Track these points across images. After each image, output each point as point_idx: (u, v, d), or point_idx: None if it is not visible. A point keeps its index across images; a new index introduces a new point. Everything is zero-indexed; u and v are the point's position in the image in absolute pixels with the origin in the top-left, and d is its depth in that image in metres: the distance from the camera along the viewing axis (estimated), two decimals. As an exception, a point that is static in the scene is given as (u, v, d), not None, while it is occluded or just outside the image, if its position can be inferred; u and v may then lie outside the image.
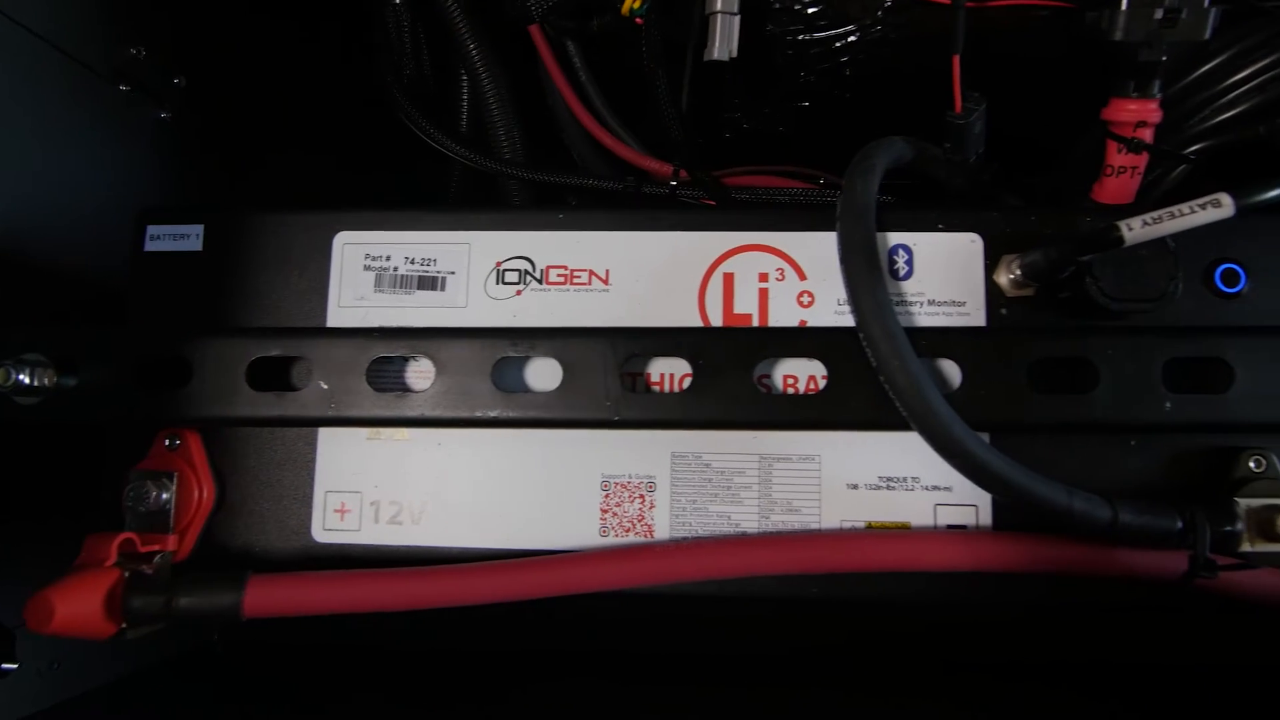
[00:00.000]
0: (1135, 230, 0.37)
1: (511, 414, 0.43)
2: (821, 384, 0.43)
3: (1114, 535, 0.39)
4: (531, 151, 0.63)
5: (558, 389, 0.43)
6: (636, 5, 0.48)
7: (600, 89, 0.61)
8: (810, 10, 0.53)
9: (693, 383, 0.42)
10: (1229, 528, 0.40)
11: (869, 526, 0.44)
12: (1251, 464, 0.43)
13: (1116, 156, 0.51)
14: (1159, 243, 0.43)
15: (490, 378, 0.43)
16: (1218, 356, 0.42)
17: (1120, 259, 0.43)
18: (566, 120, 0.63)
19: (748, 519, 0.44)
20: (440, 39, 0.61)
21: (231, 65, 0.69)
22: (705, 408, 0.42)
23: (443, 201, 0.63)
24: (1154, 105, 0.50)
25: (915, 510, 0.44)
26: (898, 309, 0.45)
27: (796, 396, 0.43)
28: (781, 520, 0.44)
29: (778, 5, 0.53)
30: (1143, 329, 0.42)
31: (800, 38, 0.54)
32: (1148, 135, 0.50)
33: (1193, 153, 0.51)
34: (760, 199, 0.57)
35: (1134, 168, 0.51)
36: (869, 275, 0.41)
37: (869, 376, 0.41)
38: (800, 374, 0.45)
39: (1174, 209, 0.37)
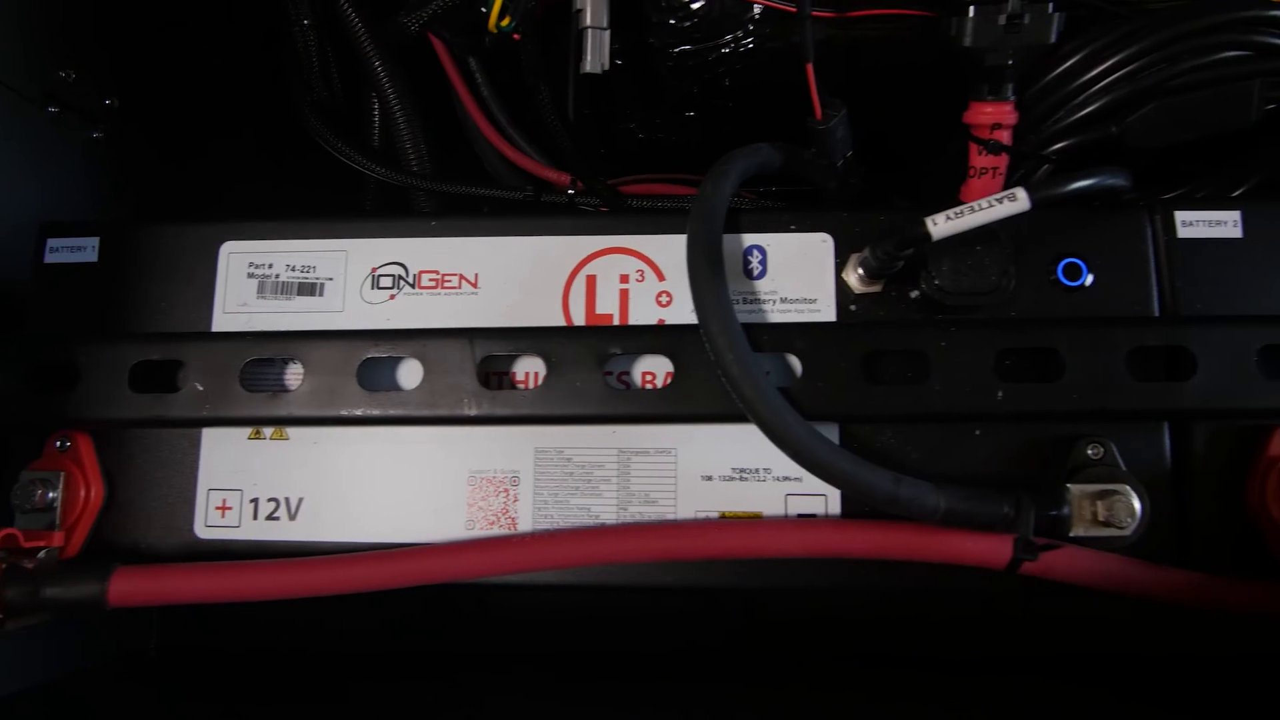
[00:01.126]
0: (940, 225, 0.39)
1: (375, 412, 0.45)
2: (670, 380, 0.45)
3: (942, 520, 0.41)
4: (442, 163, 0.65)
5: (418, 387, 0.45)
6: (505, 24, 0.50)
7: (502, 101, 0.63)
8: (685, 24, 0.55)
9: (545, 380, 0.44)
10: (1054, 512, 0.41)
11: (722, 516, 0.45)
12: (1090, 451, 0.44)
13: (978, 158, 0.53)
14: (993, 238, 0.44)
15: (356, 378, 0.45)
16: (1049, 347, 0.43)
17: (956, 255, 0.44)
18: (474, 132, 0.66)
19: (607, 511, 0.46)
20: (349, 55, 0.63)
21: (166, 85, 0.72)
22: (556, 403, 0.44)
23: (323, 210, 0.65)
24: (1009, 108, 0.52)
25: (767, 500, 0.45)
26: (751, 307, 0.47)
27: (644, 392, 0.45)
28: (639, 511, 0.46)
29: (655, 19, 0.55)
30: (976, 322, 0.44)
31: (677, 50, 0.56)
32: (1005, 137, 0.52)
33: (1053, 153, 0.52)
34: (655, 206, 0.60)
35: (995, 168, 0.53)
36: (709, 274, 0.43)
37: (712, 371, 0.42)
38: (659, 370, 0.47)
39: (975, 204, 0.38)
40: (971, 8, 0.49)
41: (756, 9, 0.54)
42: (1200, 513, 0.44)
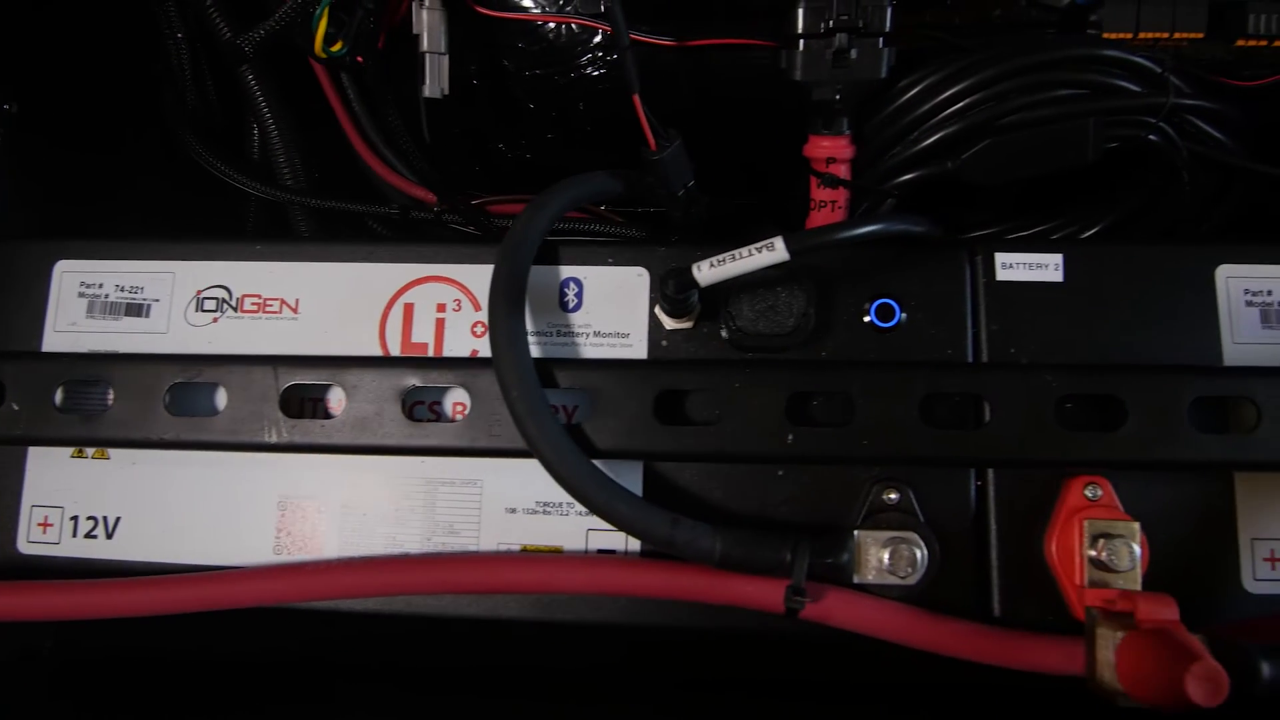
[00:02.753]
0: (704, 272, 0.38)
1: (183, 437, 0.45)
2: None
3: (718, 563, 0.41)
4: (321, 179, 0.65)
5: (222, 414, 0.45)
6: (336, 49, 0.50)
7: (375, 119, 0.63)
8: (535, 48, 0.55)
9: (344, 410, 0.45)
10: (834, 559, 0.41)
11: (524, 549, 0.46)
12: (886, 497, 0.44)
13: (817, 191, 0.53)
14: (794, 279, 0.44)
15: (163, 401, 0.46)
16: (842, 390, 0.43)
17: (755, 296, 0.44)
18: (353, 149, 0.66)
19: (411, 540, 0.46)
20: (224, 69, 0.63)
21: (68, 91, 0.72)
22: (354, 434, 0.44)
23: (155, 230, 0.65)
24: (844, 142, 0.51)
25: (569, 535, 0.46)
26: (564, 340, 0.47)
27: (442, 425, 0.45)
28: (442, 542, 0.46)
29: (504, 43, 0.55)
30: (770, 363, 0.44)
31: (528, 74, 0.56)
32: (843, 170, 0.52)
33: (894, 187, 0.52)
34: (474, 235, 0.59)
35: (834, 202, 0.52)
36: (505, 308, 0.43)
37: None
38: (470, 402, 0.47)
39: (737, 251, 0.38)
40: (801, 41, 0.48)
41: (600, 35, 0.53)
42: (1002, 562, 0.44)
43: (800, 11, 0.48)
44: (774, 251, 0.37)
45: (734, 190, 0.61)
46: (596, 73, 0.55)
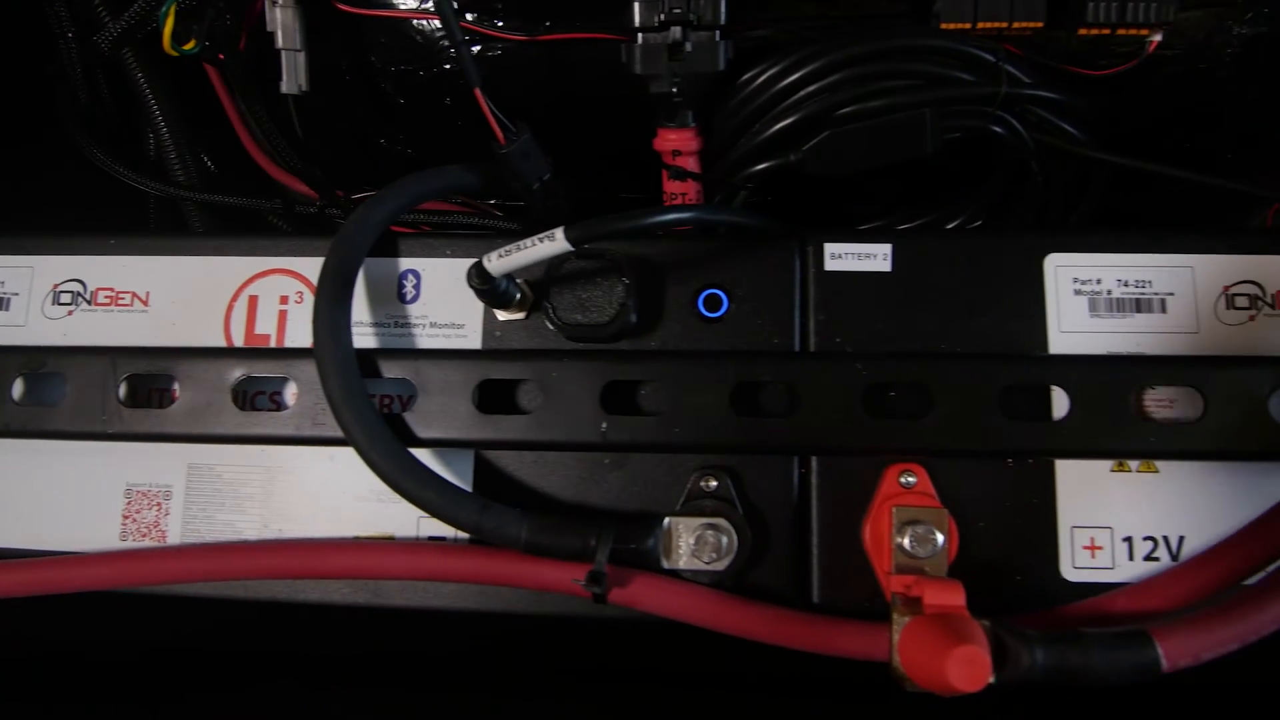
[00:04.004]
0: (494, 262, 0.39)
1: (28, 426, 0.47)
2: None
3: (525, 549, 0.41)
4: (236, 176, 0.67)
5: (64, 403, 0.46)
6: (189, 47, 0.51)
7: (257, 117, 0.64)
8: (398, 45, 0.56)
9: (180, 399, 0.46)
10: (634, 545, 0.42)
11: (357, 538, 0.46)
12: (704, 484, 0.44)
13: (668, 184, 0.53)
14: (612, 271, 0.44)
15: (12, 392, 0.47)
16: (654, 380, 0.43)
17: (575, 287, 0.45)
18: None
19: (250, 527, 0.47)
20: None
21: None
22: (189, 423, 0.45)
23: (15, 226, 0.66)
24: (690, 134, 0.52)
25: (401, 523, 0.46)
26: (401, 330, 0.48)
27: (274, 414, 0.46)
28: (279, 529, 0.47)
29: (369, 39, 0.56)
30: (584, 353, 0.44)
31: (395, 69, 0.57)
32: (691, 163, 0.52)
33: (743, 178, 0.52)
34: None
35: (684, 194, 0.53)
36: (328, 298, 0.44)
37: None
38: (298, 392, 0.48)
39: (521, 242, 0.39)
40: (638, 35, 0.49)
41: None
42: (823, 549, 0.44)
43: (635, 6, 0.48)
44: (555, 242, 0.38)
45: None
46: (452, 71, 0.56)
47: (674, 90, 0.49)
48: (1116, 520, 0.44)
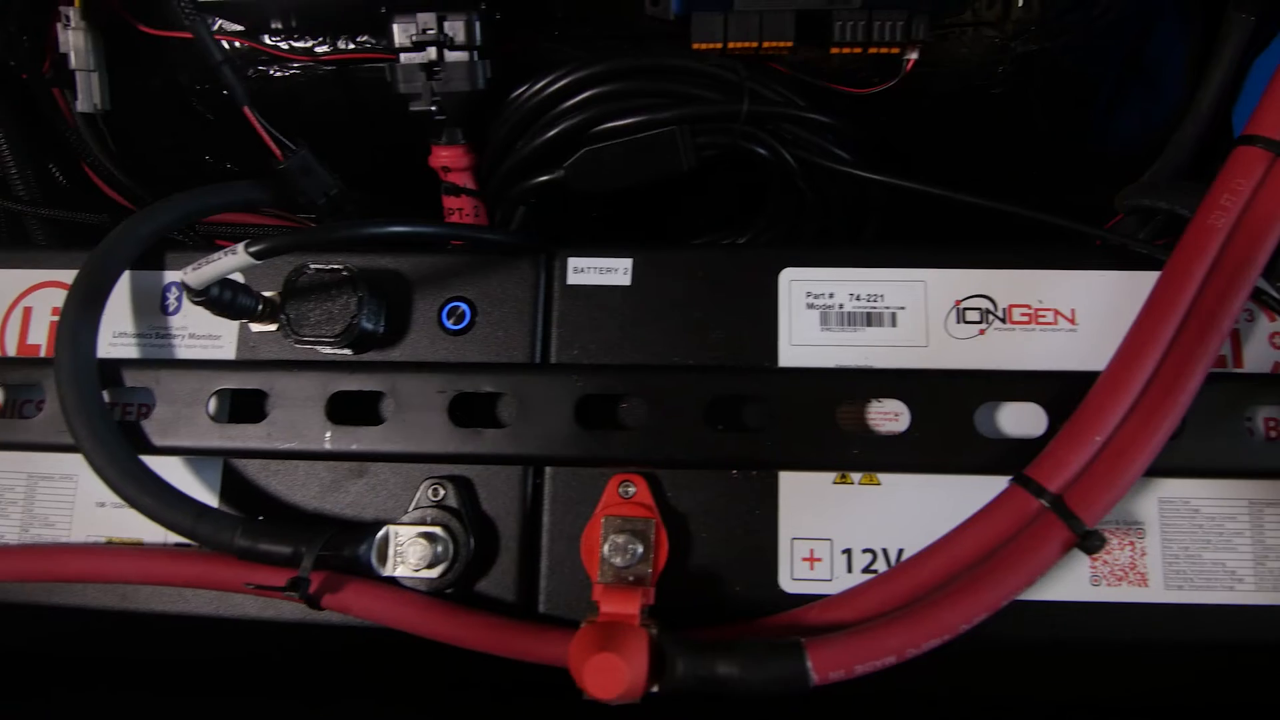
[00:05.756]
0: (190, 275, 0.40)
1: None
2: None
3: (240, 555, 0.42)
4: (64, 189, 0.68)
5: None
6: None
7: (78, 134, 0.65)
8: (198, 64, 0.57)
9: (-63, 407, 0.47)
10: (345, 552, 0.42)
11: (109, 541, 0.48)
12: (431, 493, 0.45)
13: (446, 200, 0.54)
14: (346, 284, 0.46)
15: None
16: (376, 390, 0.44)
17: (308, 300, 0.46)
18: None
19: (11, 531, 0.48)
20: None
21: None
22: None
23: None
24: (460, 151, 0.53)
25: (151, 527, 0.47)
26: (161, 341, 0.49)
27: (26, 421, 0.47)
28: (38, 533, 0.48)
29: (171, 60, 0.58)
30: (309, 364, 0.45)
31: (199, 88, 0.58)
32: (463, 179, 0.53)
33: (519, 193, 0.53)
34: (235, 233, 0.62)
35: (460, 209, 0.54)
36: (74, 308, 0.45)
37: (74, 404, 0.44)
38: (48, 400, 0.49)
39: (210, 256, 0.40)
40: (400, 55, 0.50)
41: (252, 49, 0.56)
42: (551, 559, 0.45)
43: (394, 27, 0.49)
44: (236, 255, 0.39)
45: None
46: (259, 88, 0.57)
47: (433, 109, 0.50)
48: (837, 532, 0.44)
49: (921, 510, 0.44)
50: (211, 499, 0.47)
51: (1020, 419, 0.43)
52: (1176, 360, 0.40)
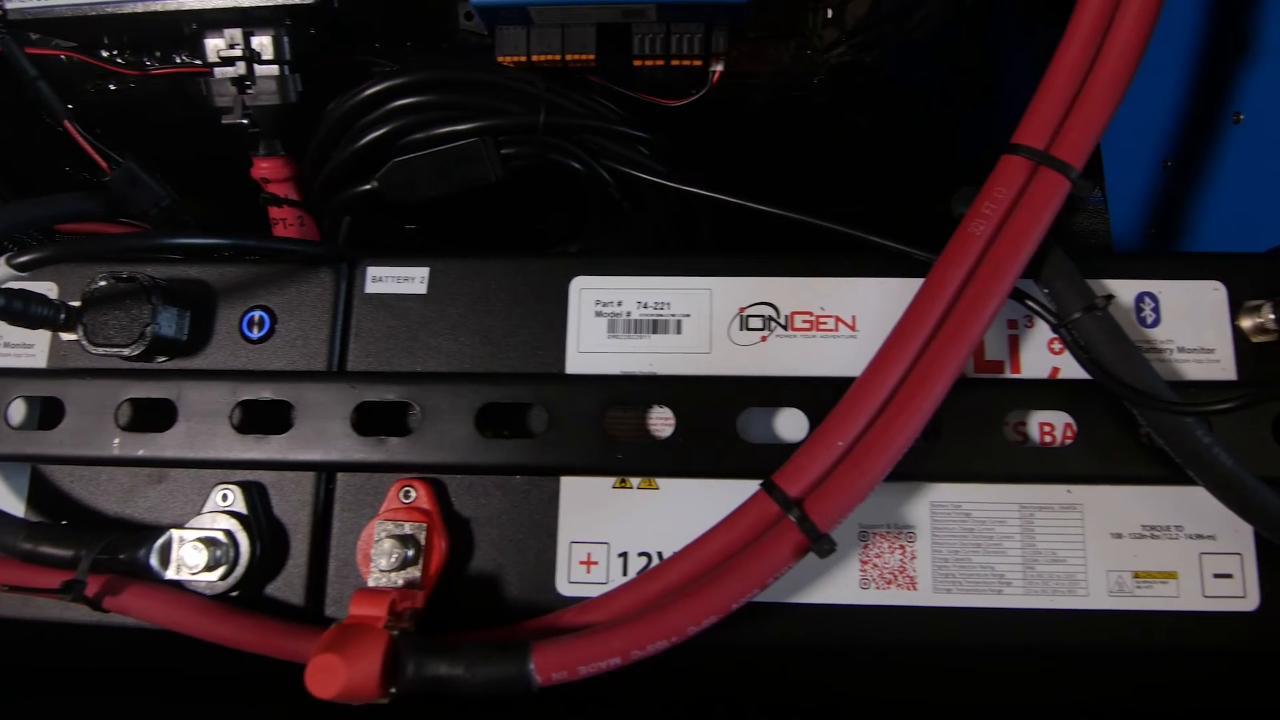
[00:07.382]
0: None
1: None
2: None
3: (25, 559, 0.43)
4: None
5: None
6: None
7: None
8: (54, 81, 0.59)
9: None
10: (124, 555, 0.43)
11: None
12: (219, 497, 0.46)
13: (271, 210, 0.55)
14: (141, 294, 0.47)
15: None
16: (163, 398, 0.45)
17: (102, 311, 0.47)
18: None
19: None
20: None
21: None
22: None
23: None
24: (279, 163, 0.54)
25: (-38, 532, 0.49)
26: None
27: None
28: None
29: (32, 77, 0.59)
30: (101, 372, 0.47)
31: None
32: (285, 190, 0.54)
33: (339, 203, 0.54)
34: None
35: (284, 220, 0.55)
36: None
37: None
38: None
39: None
40: (213, 70, 0.51)
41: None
42: (338, 563, 0.46)
43: (205, 43, 0.51)
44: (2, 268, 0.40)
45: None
46: (100, 100, 0.58)
47: (245, 121, 0.51)
48: (614, 536, 0.45)
49: (695, 513, 0.44)
50: (19, 505, 0.48)
51: (785, 425, 0.44)
52: (924, 367, 0.40)
